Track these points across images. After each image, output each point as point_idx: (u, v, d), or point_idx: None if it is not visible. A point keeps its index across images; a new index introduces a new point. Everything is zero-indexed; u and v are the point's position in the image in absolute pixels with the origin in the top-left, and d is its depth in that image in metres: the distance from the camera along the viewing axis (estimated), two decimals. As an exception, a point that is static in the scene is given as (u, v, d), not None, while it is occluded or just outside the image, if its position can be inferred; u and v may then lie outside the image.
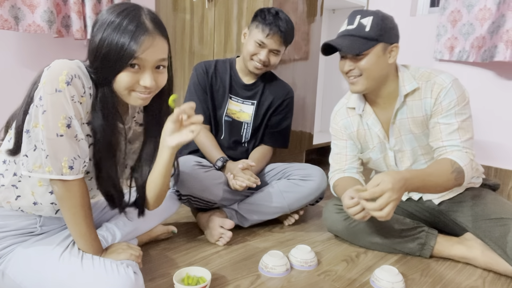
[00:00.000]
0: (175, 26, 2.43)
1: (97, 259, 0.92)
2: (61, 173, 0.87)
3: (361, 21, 1.19)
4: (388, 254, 1.36)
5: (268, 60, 1.52)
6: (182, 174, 1.37)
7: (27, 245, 0.95)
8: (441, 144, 1.22)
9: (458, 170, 1.14)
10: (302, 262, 1.24)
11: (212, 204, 1.48)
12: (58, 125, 0.84)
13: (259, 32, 1.49)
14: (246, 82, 1.63)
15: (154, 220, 1.30)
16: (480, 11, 1.87)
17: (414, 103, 1.26)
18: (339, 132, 1.44)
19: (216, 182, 1.44)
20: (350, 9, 2.57)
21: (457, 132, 1.20)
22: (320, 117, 2.83)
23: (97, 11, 2.21)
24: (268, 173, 1.62)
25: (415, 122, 1.28)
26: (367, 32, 1.18)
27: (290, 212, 1.57)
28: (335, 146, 1.47)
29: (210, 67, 1.62)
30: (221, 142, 1.63)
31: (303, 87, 2.19)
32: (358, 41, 1.18)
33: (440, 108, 1.21)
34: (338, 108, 1.46)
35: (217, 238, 1.37)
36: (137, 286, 0.89)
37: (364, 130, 1.38)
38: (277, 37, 1.48)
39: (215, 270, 1.20)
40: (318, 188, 1.54)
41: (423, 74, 1.26)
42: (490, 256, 1.24)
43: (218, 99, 1.62)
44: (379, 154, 1.39)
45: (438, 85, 1.22)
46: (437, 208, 1.38)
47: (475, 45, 1.89)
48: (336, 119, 1.45)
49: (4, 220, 0.94)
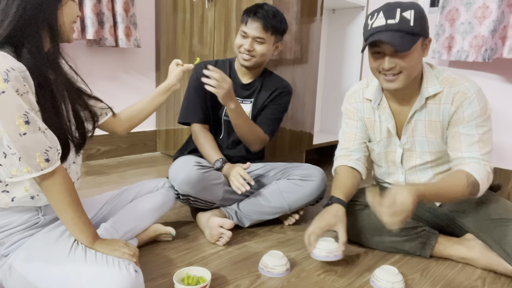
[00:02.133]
0: (175, 26, 2.43)
1: (100, 255, 0.93)
2: (40, 169, 0.87)
3: (403, 14, 1.10)
4: (388, 254, 1.36)
5: (253, 49, 1.52)
6: (181, 174, 1.37)
7: (35, 239, 0.96)
8: (460, 155, 1.20)
9: (473, 183, 1.14)
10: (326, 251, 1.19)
11: (211, 204, 1.48)
12: (17, 124, 0.83)
13: (242, 25, 1.53)
14: (245, 81, 1.63)
15: (150, 217, 1.31)
16: (479, 9, 1.85)
17: (434, 107, 1.24)
18: (352, 112, 1.41)
19: (215, 182, 1.44)
20: (350, 9, 2.57)
21: (477, 144, 1.19)
22: (320, 117, 2.83)
23: (97, 11, 2.21)
24: (268, 173, 1.62)
25: (430, 126, 1.26)
26: (412, 27, 1.10)
27: (290, 212, 1.57)
28: (345, 124, 1.44)
29: None
30: (220, 142, 1.63)
31: (303, 87, 2.19)
32: (406, 37, 1.10)
33: (462, 117, 1.19)
34: (355, 90, 1.41)
35: (217, 238, 1.37)
36: (137, 283, 0.90)
37: (374, 121, 1.36)
38: (257, 24, 1.49)
39: (215, 270, 1.20)
40: (318, 188, 1.54)
41: (448, 78, 1.23)
42: (490, 256, 1.24)
43: (217, 99, 1.61)
44: (383, 149, 1.37)
45: (462, 93, 1.19)
46: (438, 209, 1.38)
47: (474, 44, 1.88)
48: (350, 100, 1.42)
49: (7, 218, 0.95)
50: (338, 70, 2.69)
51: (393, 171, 1.40)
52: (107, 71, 2.46)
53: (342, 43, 2.65)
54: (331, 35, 2.71)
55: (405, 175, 1.38)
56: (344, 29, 2.63)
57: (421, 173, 1.35)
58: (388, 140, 1.35)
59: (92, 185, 1.99)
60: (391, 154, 1.37)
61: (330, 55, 2.73)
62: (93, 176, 2.13)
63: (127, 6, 2.34)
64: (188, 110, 1.63)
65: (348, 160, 1.40)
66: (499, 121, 2.00)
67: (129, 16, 2.36)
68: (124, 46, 2.34)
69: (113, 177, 2.14)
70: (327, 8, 2.66)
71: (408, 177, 1.38)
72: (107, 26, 2.25)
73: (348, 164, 1.39)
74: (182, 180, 1.37)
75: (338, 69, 2.69)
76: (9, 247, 0.95)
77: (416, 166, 1.34)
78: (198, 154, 1.60)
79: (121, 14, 2.30)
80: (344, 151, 1.43)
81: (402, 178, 1.39)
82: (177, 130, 2.52)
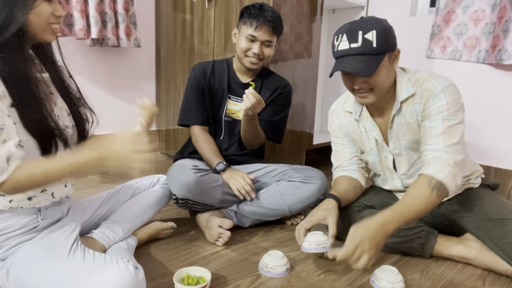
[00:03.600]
0: (175, 26, 2.43)
1: (98, 255, 0.93)
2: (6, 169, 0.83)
3: (365, 36, 1.11)
4: (388, 254, 1.36)
5: (262, 53, 1.52)
6: (178, 179, 1.37)
7: (33, 243, 0.95)
8: (425, 148, 1.20)
9: (437, 186, 1.11)
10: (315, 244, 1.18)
11: (210, 207, 1.47)
12: None
13: (248, 27, 1.50)
14: (244, 81, 1.63)
15: (149, 212, 1.34)
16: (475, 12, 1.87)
17: (408, 109, 1.25)
18: (335, 130, 1.45)
19: (213, 185, 1.43)
20: (350, 9, 2.57)
21: (441, 136, 1.17)
22: (320, 117, 2.84)
23: (100, 10, 2.21)
24: (269, 174, 1.62)
25: (408, 128, 1.27)
26: (375, 48, 1.11)
27: (291, 214, 1.57)
28: (333, 143, 1.48)
29: (208, 68, 1.62)
30: (221, 143, 1.63)
31: (303, 87, 2.19)
32: (369, 59, 1.12)
33: (428, 112, 1.20)
34: (335, 107, 1.45)
35: (216, 238, 1.37)
36: (137, 280, 0.89)
37: (360, 133, 1.38)
38: (266, 27, 1.48)
39: (215, 270, 1.20)
40: (319, 191, 1.54)
41: (419, 79, 1.24)
42: (490, 256, 1.24)
43: (216, 99, 1.62)
44: (376, 158, 1.39)
45: (429, 91, 1.20)
46: (437, 209, 1.38)
47: (468, 44, 1.89)
48: (332, 118, 1.46)
49: (6, 221, 0.95)
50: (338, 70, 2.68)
51: (389, 176, 1.42)
52: (108, 71, 2.46)
53: (342, 43, 2.65)
54: (331, 35, 2.71)
55: (401, 180, 1.39)
56: (344, 29, 2.63)
57: (416, 174, 1.35)
58: (379, 149, 1.37)
59: (92, 185, 1.99)
60: (384, 160, 1.38)
61: (330, 55, 2.73)
62: (93, 176, 2.13)
63: (127, 6, 2.34)
64: (187, 112, 1.62)
65: (343, 171, 1.44)
66: (499, 120, 2.00)
67: (129, 16, 2.36)
68: (125, 46, 2.34)
69: (113, 177, 2.14)
70: (327, 8, 2.66)
71: (404, 181, 1.39)
72: (109, 25, 2.25)
73: (343, 174, 1.43)
74: (179, 184, 1.36)
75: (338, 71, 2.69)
76: (7, 251, 0.95)
77: (410, 169, 1.35)
78: (197, 156, 1.60)
79: (122, 14, 2.30)
80: (338, 168, 1.46)
81: (399, 183, 1.40)
82: (177, 130, 2.52)
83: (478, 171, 1.42)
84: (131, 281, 0.87)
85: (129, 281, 0.87)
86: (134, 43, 2.40)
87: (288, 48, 2.03)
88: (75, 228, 1.02)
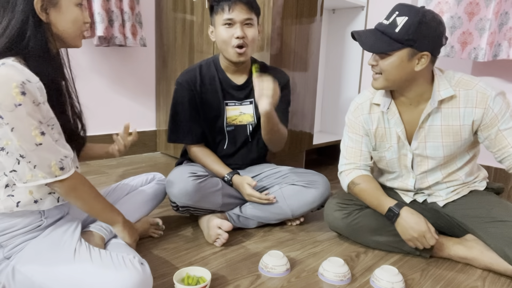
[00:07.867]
0: (175, 26, 2.43)
1: (104, 253, 0.95)
2: (55, 176, 0.91)
3: (396, 18, 1.11)
4: (388, 254, 1.36)
5: (246, 35, 1.40)
6: (177, 187, 1.36)
7: (38, 241, 0.97)
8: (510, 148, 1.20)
9: None
10: (336, 275, 1.16)
11: (212, 212, 1.47)
12: (33, 135, 0.86)
13: (221, 14, 1.40)
14: (239, 82, 1.55)
15: (144, 207, 1.36)
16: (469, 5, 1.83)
17: (452, 111, 1.23)
18: (357, 126, 1.38)
19: (213, 190, 1.42)
20: (350, 9, 2.57)
21: None
22: (320, 117, 2.83)
23: (106, 8, 2.20)
24: (271, 176, 1.60)
25: (448, 131, 1.25)
26: (396, 32, 1.11)
27: (294, 218, 1.56)
28: (349, 138, 1.40)
29: (196, 80, 1.50)
30: (225, 152, 1.58)
31: (303, 87, 2.19)
32: (383, 39, 1.13)
33: (495, 116, 1.19)
34: (361, 101, 1.37)
35: (214, 239, 1.37)
36: (144, 276, 0.91)
37: (384, 129, 1.34)
38: (240, 5, 1.38)
39: (215, 270, 1.20)
40: (322, 195, 1.53)
41: (460, 81, 1.23)
42: (490, 256, 1.24)
43: (213, 111, 1.53)
44: (395, 155, 1.35)
45: (482, 94, 1.19)
46: (441, 210, 1.38)
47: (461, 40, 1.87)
48: (356, 113, 1.38)
49: (11, 220, 0.96)
50: (338, 70, 2.69)
51: (405, 174, 1.39)
52: (111, 70, 2.46)
53: (342, 43, 2.65)
54: (331, 35, 2.71)
55: (415, 180, 1.37)
56: (344, 29, 2.63)
57: (430, 176, 1.35)
58: (399, 146, 1.33)
59: (92, 185, 1.99)
60: (403, 158, 1.35)
61: (330, 55, 2.73)
62: (93, 176, 2.13)
63: (133, 4, 2.34)
64: (177, 131, 1.53)
65: (361, 170, 1.38)
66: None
67: (135, 15, 2.36)
68: (131, 45, 2.34)
69: (113, 177, 2.14)
70: (327, 8, 2.66)
71: (418, 181, 1.37)
72: (116, 24, 2.25)
73: (363, 173, 1.38)
74: (178, 192, 1.35)
75: (338, 69, 2.69)
76: (11, 249, 0.96)
77: (428, 171, 1.33)
78: None
79: (128, 12, 2.30)
80: (352, 165, 1.39)
81: (411, 183, 1.37)
82: (177, 130, 2.52)
83: (483, 175, 1.42)
84: (139, 278, 0.90)
85: (138, 278, 0.89)
86: (140, 42, 2.40)
87: (288, 48, 2.03)
88: (77, 225, 1.04)
